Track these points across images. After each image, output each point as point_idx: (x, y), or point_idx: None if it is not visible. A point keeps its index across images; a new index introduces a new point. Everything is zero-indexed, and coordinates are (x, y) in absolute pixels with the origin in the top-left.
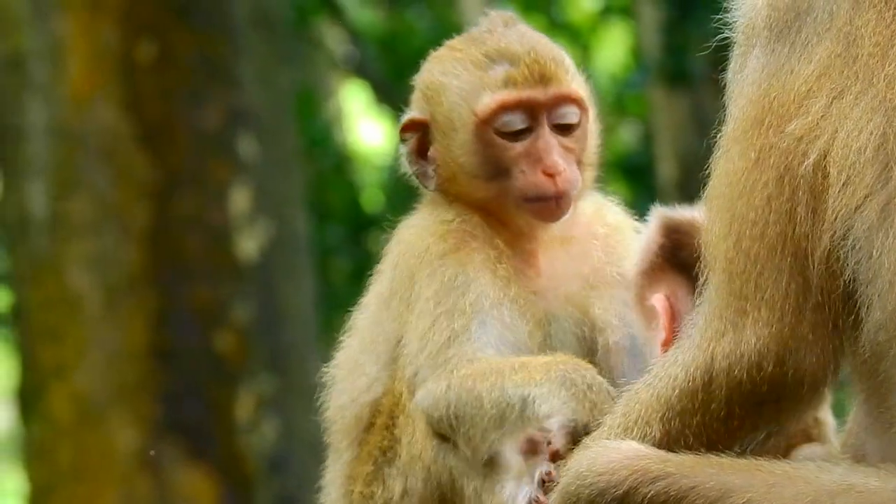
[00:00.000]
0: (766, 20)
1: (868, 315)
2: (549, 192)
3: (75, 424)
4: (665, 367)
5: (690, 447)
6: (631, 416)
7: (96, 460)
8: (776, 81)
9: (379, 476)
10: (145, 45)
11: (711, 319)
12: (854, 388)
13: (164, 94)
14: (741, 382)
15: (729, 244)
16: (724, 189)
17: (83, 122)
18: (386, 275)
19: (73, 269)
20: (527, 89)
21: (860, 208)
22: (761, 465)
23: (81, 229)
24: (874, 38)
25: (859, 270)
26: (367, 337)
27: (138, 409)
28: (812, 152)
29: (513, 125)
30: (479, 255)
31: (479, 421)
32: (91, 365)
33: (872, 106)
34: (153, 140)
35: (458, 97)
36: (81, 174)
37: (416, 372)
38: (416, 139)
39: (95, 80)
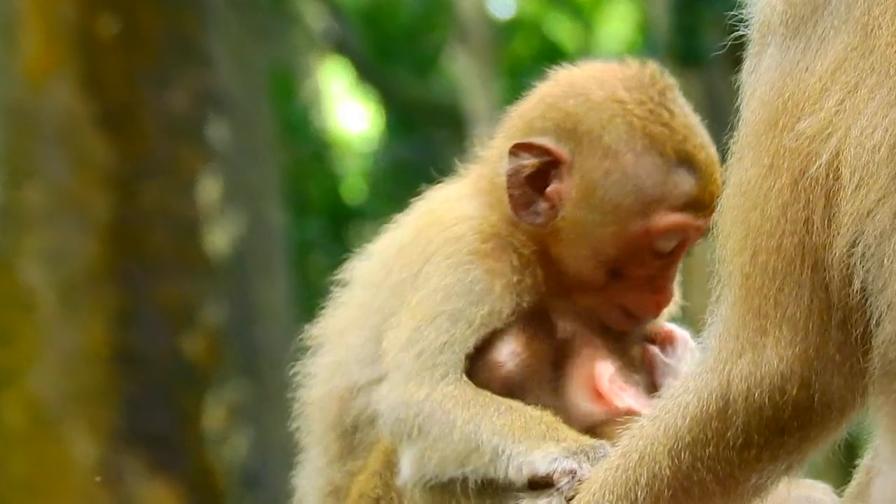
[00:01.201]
0: (781, 16)
1: (879, 328)
2: (647, 316)
3: (29, 434)
4: (674, 397)
5: (701, 483)
6: (633, 457)
7: (52, 473)
8: (791, 80)
9: None
10: (107, 19)
11: (727, 340)
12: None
13: (127, 74)
14: (761, 407)
15: (745, 259)
16: (738, 200)
17: (38, 103)
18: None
19: (26, 263)
20: (700, 218)
21: (872, 212)
22: None
23: (36, 220)
24: (892, 28)
25: (869, 280)
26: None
27: (97, 418)
28: (824, 152)
29: (669, 247)
30: (512, 276)
31: (441, 446)
32: (46, 368)
33: (889, 100)
34: (115, 123)
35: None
36: (36, 160)
37: (396, 369)
38: (537, 164)
39: (52, 56)
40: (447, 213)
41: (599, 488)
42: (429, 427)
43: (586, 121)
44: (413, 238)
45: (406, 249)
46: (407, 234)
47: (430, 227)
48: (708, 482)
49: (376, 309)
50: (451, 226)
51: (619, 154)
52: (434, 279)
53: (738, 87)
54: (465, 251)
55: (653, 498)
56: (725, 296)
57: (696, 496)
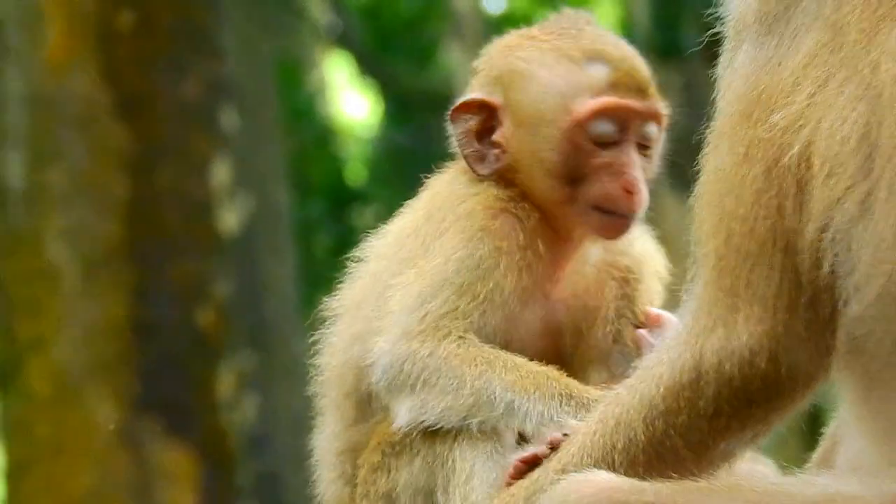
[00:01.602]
0: (756, 14)
1: (846, 308)
2: (623, 209)
3: (53, 399)
4: (649, 368)
5: (674, 449)
6: (610, 423)
7: (74, 436)
8: (764, 75)
9: (385, 466)
10: (124, 12)
11: (701, 316)
12: (837, 390)
13: (143, 63)
14: (731, 379)
15: (719, 241)
16: (714, 186)
17: (59, 91)
18: (416, 217)
19: (49, 241)
20: (627, 97)
21: (841, 200)
22: (741, 485)
23: (58, 201)
24: (860, 25)
25: (838, 263)
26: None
27: (117, 385)
28: (796, 143)
29: (606, 132)
30: (518, 253)
31: (447, 397)
32: (68, 339)
33: (857, 94)
34: (132, 110)
35: (550, 91)
36: (58, 145)
37: (402, 326)
38: (479, 121)
39: (73, 47)
40: (455, 193)
41: (578, 452)
42: (434, 380)
43: (506, 63)
44: (426, 218)
45: (421, 228)
46: (420, 215)
47: (442, 208)
48: (680, 448)
49: (388, 282)
50: (461, 203)
51: (533, 74)
52: (446, 250)
53: (715, 80)
54: (476, 227)
55: (629, 462)
56: (700, 275)
57: (669, 461)
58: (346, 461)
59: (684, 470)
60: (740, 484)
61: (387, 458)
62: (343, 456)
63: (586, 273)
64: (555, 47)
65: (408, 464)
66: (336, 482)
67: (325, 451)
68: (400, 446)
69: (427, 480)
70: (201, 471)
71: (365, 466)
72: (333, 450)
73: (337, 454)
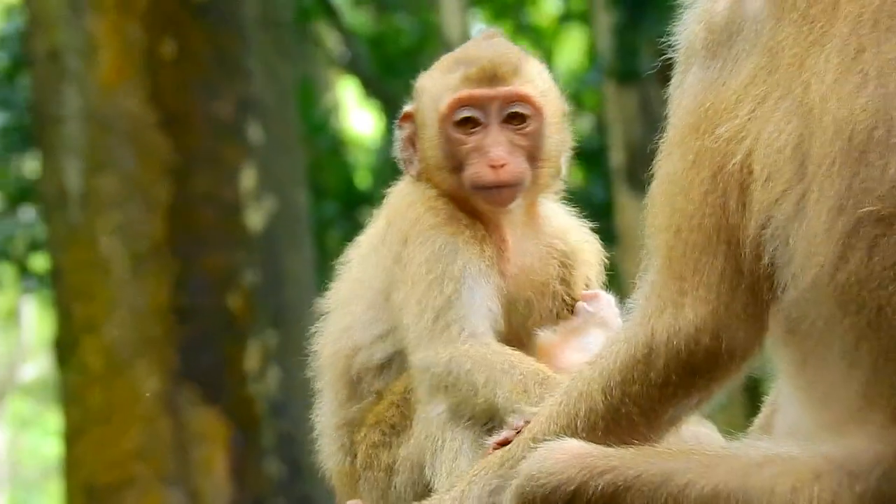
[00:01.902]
0: (703, 41)
1: (784, 294)
2: (490, 182)
3: (105, 372)
4: (608, 345)
5: (628, 416)
6: (573, 394)
7: (122, 404)
8: (711, 93)
9: (386, 443)
10: (167, 42)
11: (653, 299)
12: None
13: (182, 86)
14: (679, 353)
15: (670, 234)
16: (666, 187)
17: (112, 110)
18: (379, 226)
19: (102, 237)
20: (478, 87)
21: (779, 201)
22: (694, 449)
23: (110, 203)
24: (793, 50)
25: (777, 255)
26: (355, 276)
27: (159, 359)
28: (739, 152)
29: (465, 119)
30: (468, 231)
31: (468, 399)
32: (119, 321)
33: (791, 109)
34: (172, 125)
35: (429, 96)
36: (110, 154)
37: (419, 336)
38: (410, 129)
39: (123, 72)
40: (404, 200)
41: (546, 420)
42: (457, 385)
43: (419, 78)
44: (387, 226)
45: (386, 237)
46: (381, 225)
47: (398, 215)
48: (634, 414)
49: (369, 284)
50: (409, 208)
51: (424, 85)
52: (416, 257)
53: (668, 99)
54: (427, 227)
55: (590, 428)
56: (652, 264)
57: (625, 426)
58: (344, 434)
59: (638, 434)
60: (692, 448)
61: (387, 437)
62: (341, 430)
63: (531, 252)
64: (442, 61)
65: (406, 442)
66: (337, 454)
67: (324, 426)
68: (400, 426)
69: (420, 456)
70: (231, 432)
71: (366, 443)
72: (332, 425)
73: (335, 428)
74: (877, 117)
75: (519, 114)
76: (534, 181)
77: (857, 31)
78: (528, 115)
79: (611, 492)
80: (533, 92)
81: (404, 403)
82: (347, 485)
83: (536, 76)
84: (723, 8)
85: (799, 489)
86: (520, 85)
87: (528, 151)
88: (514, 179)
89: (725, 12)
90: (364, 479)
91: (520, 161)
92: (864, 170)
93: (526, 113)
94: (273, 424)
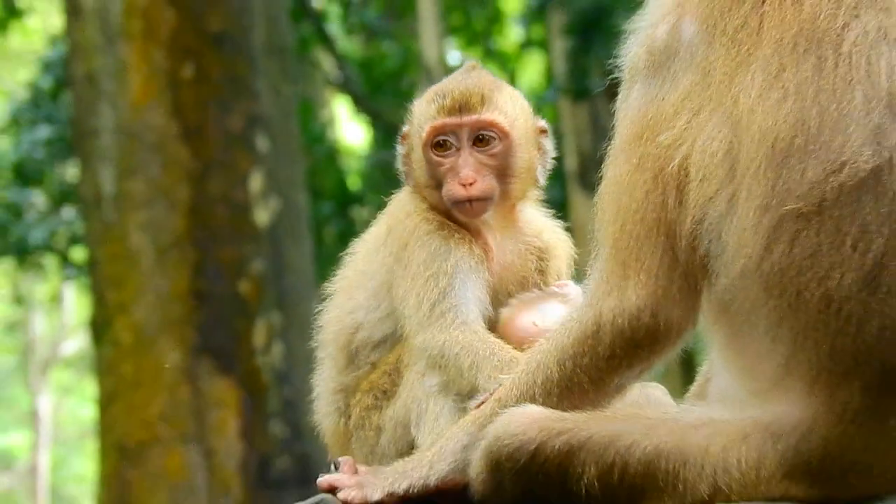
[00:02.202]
0: (645, 62)
1: (717, 280)
2: (462, 197)
3: (133, 348)
4: (562, 324)
5: (580, 384)
6: (532, 365)
7: (149, 374)
8: (652, 106)
9: (377, 406)
10: (187, 66)
11: (600, 283)
12: (709, 340)
13: (200, 103)
14: (623, 330)
15: (616, 227)
16: (613, 187)
17: (140, 124)
18: (381, 231)
19: (132, 233)
20: (449, 116)
21: (713, 199)
22: (638, 413)
23: (138, 203)
24: (723, 69)
25: (711, 247)
26: (360, 268)
27: (181, 337)
28: (677, 156)
29: (440, 144)
30: (457, 235)
31: (455, 379)
32: (146, 303)
33: (722, 120)
34: (192, 137)
35: (416, 123)
36: (139, 162)
37: (419, 323)
38: (407, 148)
39: (149, 92)
40: (403, 210)
41: (509, 387)
42: (448, 365)
43: (413, 105)
44: (388, 231)
45: (387, 240)
46: (383, 230)
47: (396, 225)
48: (584, 383)
49: (371, 276)
50: (408, 220)
51: (413, 112)
52: (415, 259)
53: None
54: (423, 233)
55: (546, 394)
56: (600, 254)
57: (576, 393)
58: (340, 399)
59: (588, 400)
60: (637, 413)
61: (379, 401)
62: (338, 395)
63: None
64: (427, 92)
65: (394, 404)
66: (332, 414)
67: (322, 390)
68: (390, 392)
69: (406, 417)
70: (242, 399)
71: (360, 406)
72: (330, 389)
73: (333, 393)
74: (796, 127)
75: (486, 137)
76: (506, 193)
77: (779, 53)
78: (494, 138)
79: (566, 450)
80: (499, 118)
81: (395, 373)
82: (340, 443)
83: (505, 103)
84: (662, 33)
85: (729, 448)
86: (486, 113)
87: (496, 170)
88: (481, 195)
89: (665, 37)
90: (356, 438)
91: (488, 179)
92: (786, 173)
93: (492, 136)
94: (278, 392)
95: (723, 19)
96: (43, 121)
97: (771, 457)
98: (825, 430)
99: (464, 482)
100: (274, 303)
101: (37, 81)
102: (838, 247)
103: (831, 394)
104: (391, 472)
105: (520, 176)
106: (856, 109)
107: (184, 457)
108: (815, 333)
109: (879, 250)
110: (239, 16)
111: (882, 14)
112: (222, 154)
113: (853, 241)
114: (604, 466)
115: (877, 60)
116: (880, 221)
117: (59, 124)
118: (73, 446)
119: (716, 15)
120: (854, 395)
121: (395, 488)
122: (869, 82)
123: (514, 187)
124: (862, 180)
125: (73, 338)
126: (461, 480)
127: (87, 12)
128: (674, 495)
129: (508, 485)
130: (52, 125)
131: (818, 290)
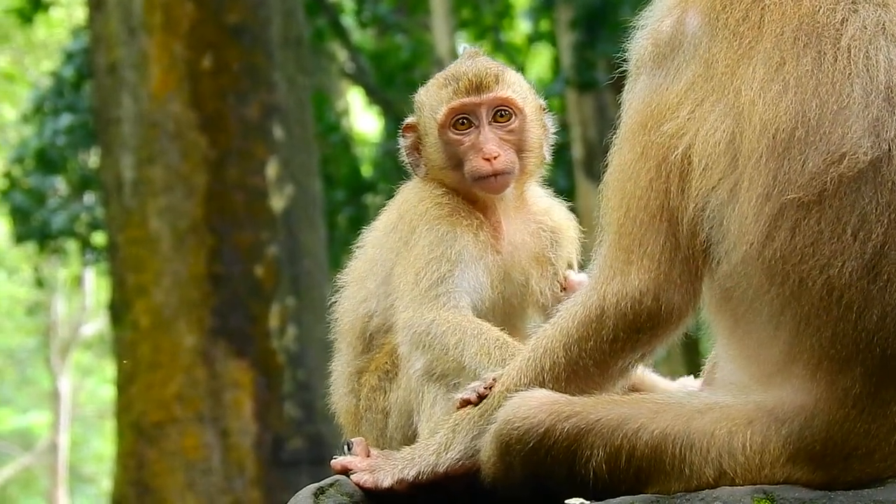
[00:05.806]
0: (651, 54)
1: (719, 267)
2: (488, 172)
3: (152, 329)
4: (567, 308)
5: (585, 367)
6: (539, 350)
7: (167, 356)
8: (657, 97)
9: (381, 388)
10: (206, 58)
11: (604, 268)
12: (713, 327)
13: (218, 93)
14: (626, 314)
15: (620, 213)
16: (618, 174)
17: (160, 114)
18: (392, 217)
19: (152, 218)
20: (467, 96)
21: (715, 188)
22: (645, 398)
23: (158, 190)
24: (726, 62)
25: (713, 234)
26: (370, 256)
27: (198, 319)
28: (680, 146)
29: (460, 123)
30: (466, 221)
31: (440, 357)
32: (164, 286)
33: (724, 111)
34: (210, 126)
35: (428, 109)
36: (158, 150)
37: (412, 299)
38: (413, 138)
39: (169, 82)
40: (416, 196)
41: (516, 374)
42: (433, 343)
43: (418, 95)
44: (399, 217)
45: (398, 226)
46: (395, 215)
47: (408, 210)
48: (589, 366)
49: (381, 262)
50: (419, 203)
51: (422, 100)
52: (421, 241)
53: (620, 104)
54: (433, 218)
55: (553, 379)
56: (605, 239)
57: (582, 376)
58: (355, 380)
59: (593, 383)
60: (644, 397)
61: (382, 382)
62: (353, 377)
63: (523, 229)
64: (435, 79)
65: (395, 389)
66: (347, 396)
67: (339, 374)
68: (392, 374)
69: (408, 404)
70: (257, 380)
71: (367, 386)
72: (346, 373)
73: (348, 376)
74: (797, 119)
75: (504, 114)
76: (522, 169)
77: (779, 47)
78: (511, 114)
79: (575, 433)
80: (513, 95)
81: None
82: (353, 424)
83: (515, 82)
84: (667, 26)
85: (734, 432)
86: (501, 90)
87: (514, 144)
88: (506, 168)
89: (669, 30)
90: (365, 420)
91: (510, 153)
92: (787, 163)
93: (509, 112)
94: (291, 374)
95: (725, 13)
96: (65, 109)
97: (775, 441)
98: (827, 415)
99: (473, 468)
100: (288, 287)
101: (60, 71)
102: (839, 236)
103: (833, 380)
104: (401, 459)
105: (534, 150)
106: (855, 102)
107: (199, 437)
108: (817, 321)
109: (879, 239)
110: (256, 9)
111: (880, 9)
112: (239, 142)
113: (853, 230)
114: (611, 450)
115: (875, 54)
116: (880, 211)
117: (81, 113)
118: (92, 426)
119: (718, 9)
120: (855, 381)
121: (405, 475)
122: (867, 76)
123: (530, 162)
124: (861, 171)
125: (93, 320)
126: (470, 466)
127: (109, 5)
128: (680, 478)
129: (518, 468)
130: (75, 114)
131: (820, 278)
